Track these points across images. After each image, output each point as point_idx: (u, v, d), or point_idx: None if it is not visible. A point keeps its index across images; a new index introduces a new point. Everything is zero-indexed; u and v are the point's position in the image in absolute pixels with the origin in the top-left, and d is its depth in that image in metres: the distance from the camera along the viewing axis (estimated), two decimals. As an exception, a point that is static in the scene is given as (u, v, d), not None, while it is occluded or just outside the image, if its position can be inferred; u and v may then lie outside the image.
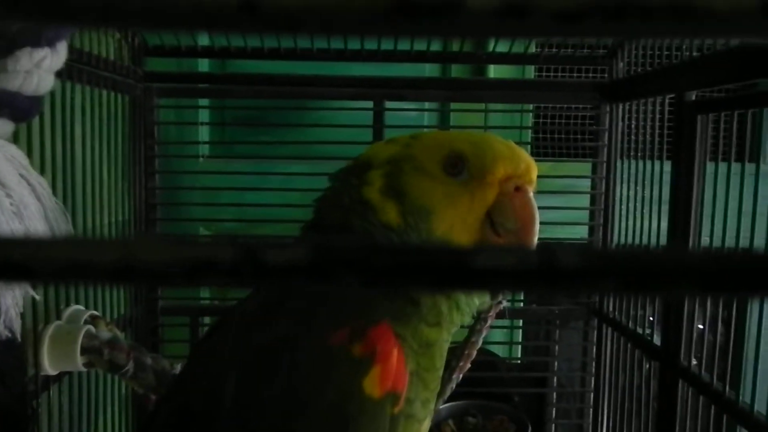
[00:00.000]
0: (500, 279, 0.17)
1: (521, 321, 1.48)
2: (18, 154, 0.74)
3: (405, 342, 0.62)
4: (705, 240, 0.98)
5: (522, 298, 1.53)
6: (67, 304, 1.02)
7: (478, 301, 0.69)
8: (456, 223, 0.65)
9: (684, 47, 1.03)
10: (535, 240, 0.66)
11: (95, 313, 1.04)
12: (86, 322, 0.99)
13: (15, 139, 0.79)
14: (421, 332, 0.64)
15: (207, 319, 1.42)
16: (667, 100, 1.08)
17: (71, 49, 0.99)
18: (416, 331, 0.63)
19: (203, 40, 1.40)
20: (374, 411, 0.57)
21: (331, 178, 0.73)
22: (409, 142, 0.69)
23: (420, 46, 1.28)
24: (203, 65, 1.46)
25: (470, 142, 0.67)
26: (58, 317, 0.99)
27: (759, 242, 0.84)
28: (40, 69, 0.68)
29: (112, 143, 1.19)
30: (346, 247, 0.16)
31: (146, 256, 0.16)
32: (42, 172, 0.91)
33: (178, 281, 0.17)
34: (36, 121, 0.91)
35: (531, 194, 0.67)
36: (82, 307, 1.04)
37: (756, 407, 0.84)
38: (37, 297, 0.83)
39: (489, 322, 1.17)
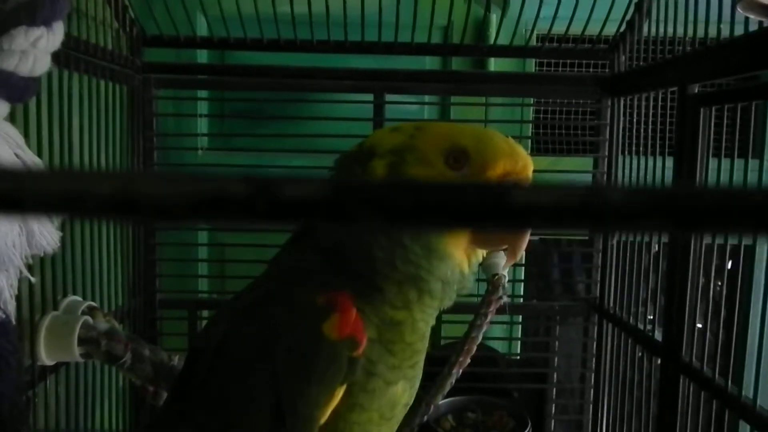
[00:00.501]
0: (538, 216, 0.15)
1: (521, 317, 1.47)
2: (13, 132, 0.73)
3: (364, 314, 0.68)
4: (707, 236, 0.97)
5: (522, 293, 1.52)
6: (65, 295, 1.01)
7: (456, 286, 0.72)
8: None
9: (686, 40, 1.02)
10: (528, 234, 0.69)
11: (93, 304, 1.03)
12: (83, 313, 0.98)
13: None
14: (385, 312, 0.70)
15: (205, 313, 1.41)
16: (669, 94, 1.08)
17: (69, 37, 0.99)
18: (378, 309, 0.70)
19: (202, 30, 1.39)
20: (332, 350, 0.65)
21: (334, 164, 0.76)
22: (414, 133, 0.71)
23: (421, 38, 1.27)
24: (202, 56, 1.46)
25: (473, 137, 0.70)
26: (55, 308, 0.98)
27: (763, 238, 0.83)
28: (36, 49, 0.67)
29: (110, 134, 1.19)
30: (369, 184, 0.15)
31: (148, 189, 0.15)
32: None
33: (184, 216, 0.15)
34: (33, 110, 0.90)
35: None
36: (79, 298, 1.03)
37: (759, 402, 0.83)
38: (33, 279, 0.82)
39: (489, 318, 1.16)
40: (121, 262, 1.25)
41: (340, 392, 0.68)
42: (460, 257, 0.71)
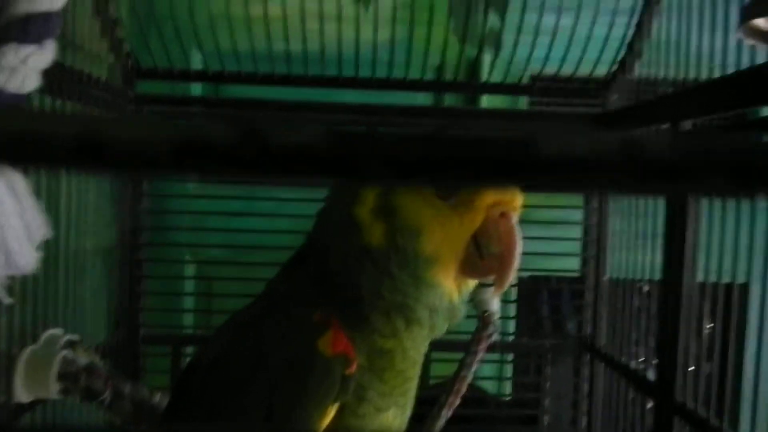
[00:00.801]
0: (572, 168, 0.13)
1: (511, 355, 1.45)
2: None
3: (354, 343, 0.69)
4: (699, 275, 0.97)
5: (512, 331, 1.50)
6: (45, 328, 0.98)
7: (447, 315, 0.72)
8: (443, 244, 0.69)
9: (678, 79, 1.03)
10: (516, 264, 0.69)
11: (73, 337, 1.00)
12: (63, 347, 0.95)
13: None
14: (374, 340, 0.70)
15: (190, 349, 1.38)
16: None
17: (62, 66, 0.98)
18: (367, 338, 0.70)
19: (196, 63, 1.40)
20: (327, 366, 0.66)
21: (328, 192, 0.77)
22: None
23: (414, 74, 1.28)
24: (196, 90, 1.46)
25: None
26: (35, 341, 0.95)
27: (756, 277, 0.82)
28: (26, 66, 0.66)
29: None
30: (375, 132, 0.13)
31: (118, 132, 0.13)
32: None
33: (159, 165, 0.13)
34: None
35: (515, 220, 0.70)
36: (59, 332, 1.00)
37: (756, 444, 0.81)
38: (6, 300, 0.79)
39: (479, 356, 1.14)
40: (104, 294, 1.22)
41: (332, 410, 0.68)
42: (450, 286, 0.71)
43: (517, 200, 0.71)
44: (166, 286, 1.41)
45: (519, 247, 0.69)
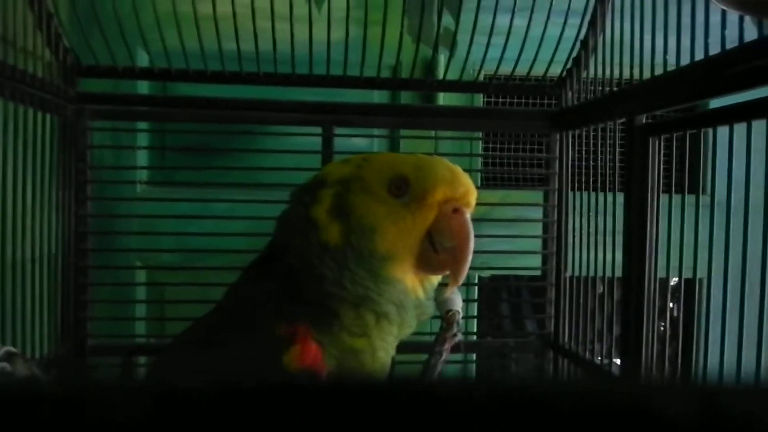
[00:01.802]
0: None
1: (474, 355, 1.43)
2: None
3: (323, 346, 0.68)
4: (661, 272, 0.97)
5: (474, 330, 1.49)
6: (-20, 341, 0.92)
7: (416, 311, 0.73)
8: (398, 241, 0.70)
9: (632, 75, 1.04)
10: (470, 258, 0.71)
11: (12, 349, 0.93)
12: (1, 359, 0.89)
13: None
14: (343, 340, 0.70)
15: (142, 359, 1.32)
16: (618, 126, 1.08)
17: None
18: (336, 339, 0.69)
19: (142, 60, 1.34)
20: None
21: (290, 197, 0.79)
22: (361, 164, 0.74)
23: (370, 72, 1.26)
24: (143, 88, 1.40)
25: (414, 165, 0.73)
26: (-32, 355, 0.88)
27: (718, 275, 0.82)
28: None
29: (39, 167, 1.11)
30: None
31: None
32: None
33: None
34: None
35: (468, 216, 0.72)
36: (-4, 344, 0.93)
37: None
38: None
39: (444, 356, 1.12)
40: (48, 303, 1.15)
41: None
42: (411, 282, 0.72)
43: (469, 196, 0.73)
44: (114, 293, 1.35)
45: (472, 242, 0.70)
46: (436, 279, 0.76)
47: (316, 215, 0.71)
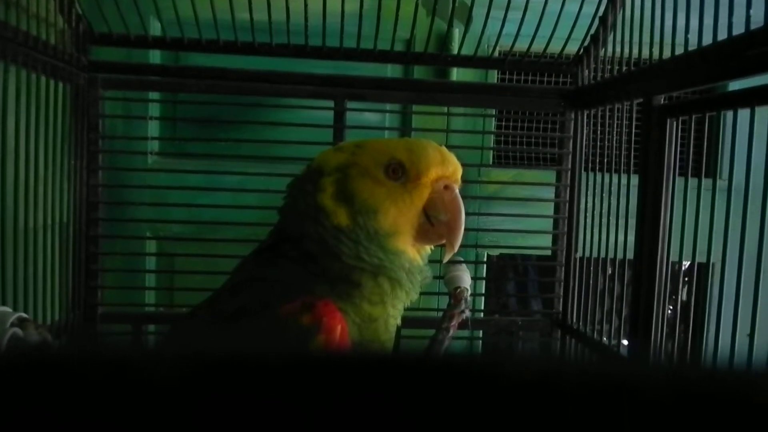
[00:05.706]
0: None
1: (481, 332, 1.44)
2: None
3: (347, 315, 0.75)
4: (673, 256, 0.96)
5: (482, 308, 1.49)
6: (-7, 306, 0.93)
7: (420, 277, 0.80)
8: (398, 218, 0.78)
9: (651, 54, 1.02)
10: (462, 228, 0.79)
11: (24, 315, 0.94)
12: (13, 325, 0.90)
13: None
14: (364, 309, 0.77)
15: (151, 327, 1.33)
16: (634, 107, 1.07)
17: (6, 25, 0.92)
18: (358, 308, 0.76)
19: (155, 29, 1.33)
20: None
21: (288, 187, 0.84)
22: (355, 151, 0.81)
23: (383, 45, 1.24)
24: (155, 57, 1.38)
25: (407, 149, 0.79)
26: (-19, 320, 0.89)
27: (732, 259, 0.82)
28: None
29: (51, 135, 1.11)
30: None
31: None
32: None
33: None
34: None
35: (457, 191, 0.80)
36: (9, 309, 0.94)
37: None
38: None
39: (451, 332, 1.13)
40: (59, 271, 1.16)
41: None
42: (411, 252, 0.80)
43: (457, 173, 0.81)
44: (124, 263, 1.35)
45: (463, 214, 0.79)
46: (429, 248, 0.84)
47: (323, 202, 0.78)
